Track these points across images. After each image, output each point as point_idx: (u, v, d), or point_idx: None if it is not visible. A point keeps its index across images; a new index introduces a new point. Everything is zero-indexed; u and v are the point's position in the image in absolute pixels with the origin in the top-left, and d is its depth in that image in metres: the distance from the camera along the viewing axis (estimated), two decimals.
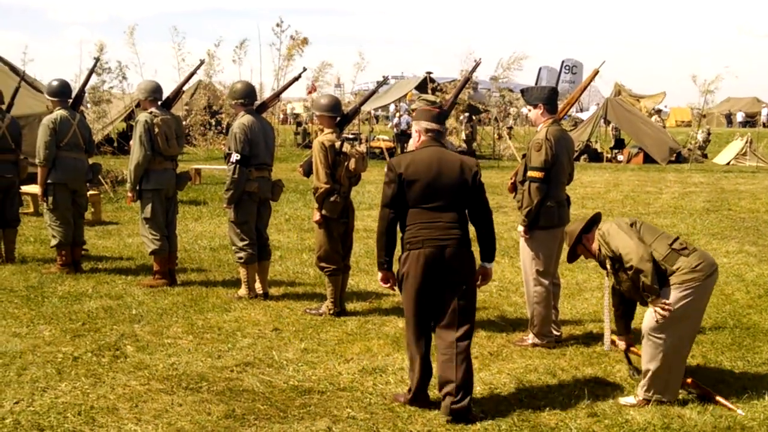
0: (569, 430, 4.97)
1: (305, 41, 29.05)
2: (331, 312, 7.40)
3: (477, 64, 8.78)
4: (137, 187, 8.27)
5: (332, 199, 7.23)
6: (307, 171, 7.59)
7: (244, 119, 7.82)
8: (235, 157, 7.69)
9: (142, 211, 8.37)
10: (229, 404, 5.27)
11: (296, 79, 9.34)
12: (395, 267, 5.27)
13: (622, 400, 5.45)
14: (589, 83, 8.07)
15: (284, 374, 5.88)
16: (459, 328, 5.07)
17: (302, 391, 5.55)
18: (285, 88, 10.01)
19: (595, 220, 5.69)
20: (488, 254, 5.35)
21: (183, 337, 6.73)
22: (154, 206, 8.31)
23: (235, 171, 7.69)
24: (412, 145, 5.39)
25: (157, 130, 8.18)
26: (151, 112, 8.28)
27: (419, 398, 5.26)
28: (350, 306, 7.74)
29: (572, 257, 5.87)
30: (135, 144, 8.22)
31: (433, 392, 5.31)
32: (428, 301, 5.11)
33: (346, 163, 7.27)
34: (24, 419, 4.98)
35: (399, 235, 5.24)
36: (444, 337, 5.11)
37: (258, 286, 8.05)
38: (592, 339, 6.79)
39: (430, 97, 7.36)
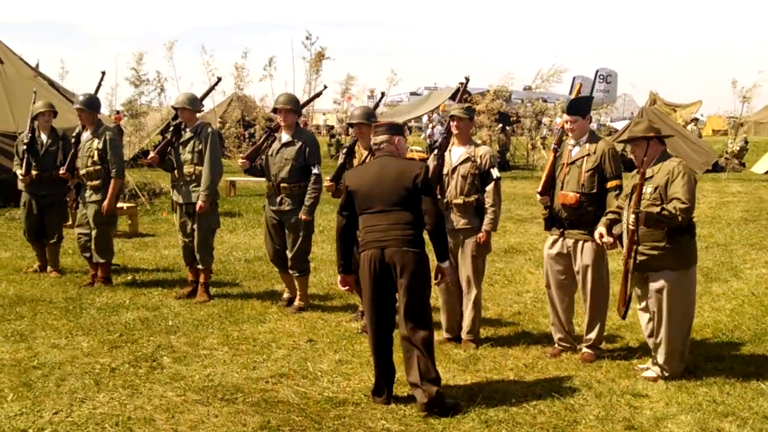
0: None
1: (321, 55, 29.32)
2: None
3: (467, 81, 8.07)
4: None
5: None
6: (336, 184, 7.57)
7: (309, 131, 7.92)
8: (319, 169, 7.85)
9: (211, 222, 8.45)
10: (264, 415, 5.29)
11: (317, 95, 9.45)
12: None
13: (645, 373, 6.03)
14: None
15: (319, 385, 5.89)
16: (408, 325, 5.40)
17: (337, 402, 5.56)
18: (306, 104, 10.00)
19: (665, 141, 6.21)
20: (439, 254, 5.56)
21: (219, 349, 6.78)
22: (218, 218, 8.58)
23: (321, 183, 7.81)
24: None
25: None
26: (210, 124, 8.39)
27: (377, 393, 5.58)
28: None
29: (628, 141, 6.25)
30: (215, 155, 8.29)
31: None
32: (379, 301, 5.50)
33: None
34: (63, 430, 5.05)
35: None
36: (402, 336, 5.48)
37: (288, 295, 8.15)
38: (629, 351, 6.72)
39: (462, 105, 7.34)
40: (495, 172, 6.84)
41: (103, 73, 9.81)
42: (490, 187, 6.82)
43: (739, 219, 15.25)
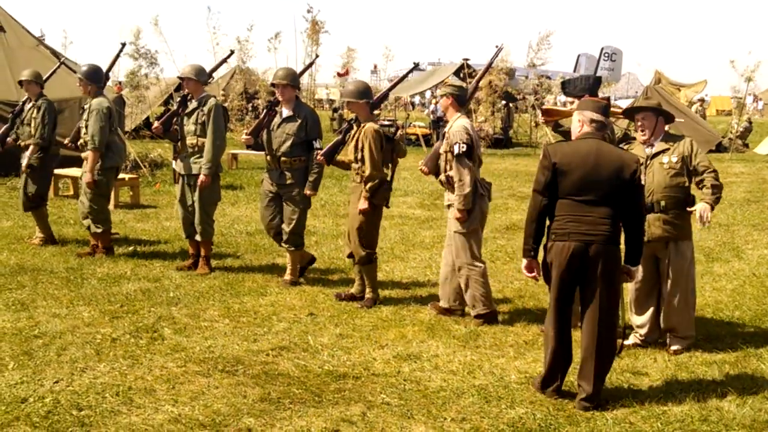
0: (605, 420, 4.93)
1: (315, 23, 29.27)
2: (377, 301, 7.38)
3: (499, 50, 8.39)
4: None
5: (386, 187, 7.27)
6: (329, 158, 7.50)
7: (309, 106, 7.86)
8: (320, 143, 7.74)
9: (212, 195, 8.35)
10: (264, 387, 5.31)
11: (311, 64, 9.38)
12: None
13: (674, 347, 6.19)
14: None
15: (319, 359, 5.90)
16: (598, 327, 5.05)
17: (337, 376, 5.57)
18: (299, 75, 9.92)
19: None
20: (634, 257, 5.18)
21: (219, 321, 6.79)
22: (219, 191, 8.48)
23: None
24: (573, 133, 5.32)
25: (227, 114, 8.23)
26: (215, 97, 8.29)
27: (548, 384, 5.26)
28: (385, 292, 7.73)
29: (630, 115, 6.35)
30: (218, 127, 8.16)
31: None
32: (570, 294, 5.15)
33: (397, 150, 7.31)
34: (63, 399, 5.06)
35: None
36: (584, 330, 5.13)
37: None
38: (628, 329, 6.71)
39: (457, 82, 7.37)
40: (456, 148, 6.78)
41: (123, 45, 9.80)
42: (453, 164, 6.83)
43: (741, 199, 15.24)
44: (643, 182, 5.95)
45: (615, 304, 5.13)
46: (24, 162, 9.38)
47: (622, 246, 5.15)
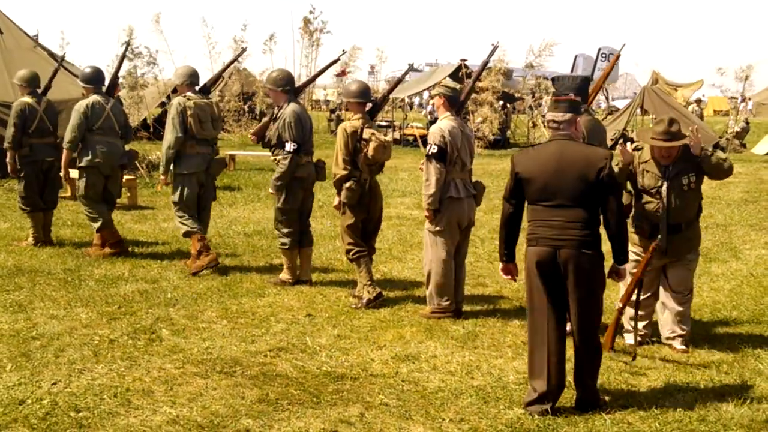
0: (603, 420, 4.93)
1: (307, 21, 29.48)
2: (374, 296, 7.32)
3: (494, 48, 8.37)
4: (168, 171, 8.38)
5: (347, 185, 7.24)
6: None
7: (293, 107, 7.83)
8: (291, 146, 7.67)
9: (172, 194, 8.48)
10: (262, 389, 5.30)
11: (334, 62, 9.33)
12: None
13: (678, 347, 6.25)
14: (611, 70, 8.00)
15: (317, 360, 5.90)
16: (577, 331, 5.02)
17: (335, 377, 5.57)
18: (321, 72, 9.94)
19: None
20: (620, 255, 5.09)
21: (217, 322, 6.78)
22: (182, 190, 8.38)
23: (291, 161, 7.67)
24: None
25: (190, 113, 8.21)
26: (185, 96, 8.32)
27: (533, 402, 5.07)
28: (383, 293, 7.72)
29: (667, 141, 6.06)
30: (167, 127, 8.30)
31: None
32: (545, 299, 5.01)
33: (364, 150, 7.25)
34: (61, 400, 5.05)
35: None
36: (573, 333, 5.09)
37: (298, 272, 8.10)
38: (626, 330, 6.72)
39: (450, 83, 7.42)
40: (428, 149, 6.90)
41: (127, 44, 9.82)
42: (424, 163, 6.95)
43: (739, 200, 15.25)
44: (649, 188, 6.05)
45: (594, 308, 5.06)
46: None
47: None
